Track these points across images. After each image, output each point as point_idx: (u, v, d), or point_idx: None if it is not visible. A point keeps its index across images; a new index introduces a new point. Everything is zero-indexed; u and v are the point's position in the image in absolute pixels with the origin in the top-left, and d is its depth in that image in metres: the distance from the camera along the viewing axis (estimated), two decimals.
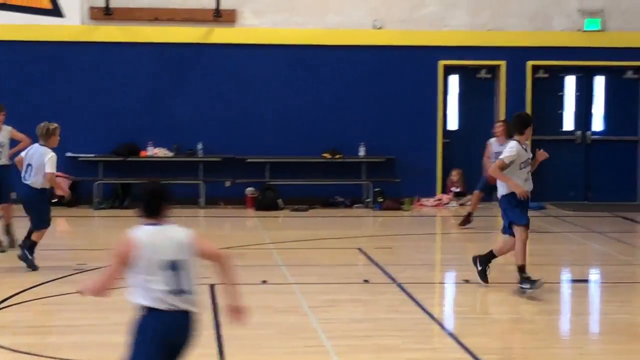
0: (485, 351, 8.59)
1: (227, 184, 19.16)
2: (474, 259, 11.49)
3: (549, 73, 20.06)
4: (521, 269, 10.93)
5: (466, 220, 16.35)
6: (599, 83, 20.32)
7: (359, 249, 14.13)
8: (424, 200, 19.38)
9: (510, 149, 11.01)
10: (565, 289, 12.11)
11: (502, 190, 11.13)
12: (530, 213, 11.28)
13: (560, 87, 20.27)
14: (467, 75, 20.05)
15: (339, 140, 19.32)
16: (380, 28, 19.56)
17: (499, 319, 10.33)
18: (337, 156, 19.29)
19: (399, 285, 11.42)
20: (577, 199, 20.02)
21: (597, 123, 20.35)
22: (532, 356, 8.69)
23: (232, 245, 13.82)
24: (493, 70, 19.94)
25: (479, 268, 11.35)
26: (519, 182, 10.98)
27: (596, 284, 12.48)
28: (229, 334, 8.76)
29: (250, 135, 19.39)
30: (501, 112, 19.52)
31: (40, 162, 12.02)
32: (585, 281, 12.44)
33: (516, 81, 19.70)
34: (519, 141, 11.12)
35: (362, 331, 9.34)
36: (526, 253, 11.02)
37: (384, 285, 11.52)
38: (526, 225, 11.01)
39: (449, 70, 19.89)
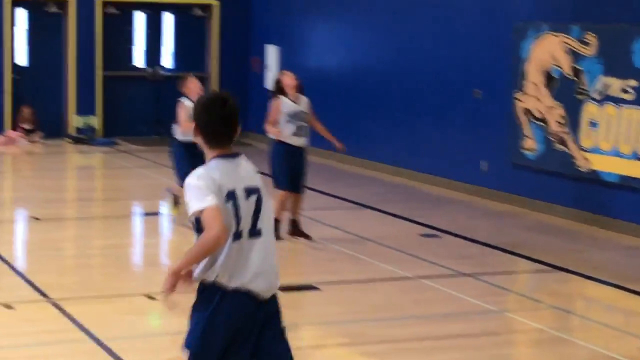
0: (54, 287, 8.64)
1: None
2: None
3: (119, 9, 20.09)
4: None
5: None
6: (168, 20, 20.67)
7: None
8: None
9: None
10: (137, 222, 12.37)
11: None
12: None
13: (130, 23, 20.40)
14: (36, 10, 19.61)
15: None
16: None
17: (69, 255, 10.38)
18: None
19: None
20: (148, 134, 20.33)
21: (167, 59, 20.73)
22: (99, 287, 8.83)
23: None
24: (62, 5, 19.64)
25: None
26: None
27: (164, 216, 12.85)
28: None
29: None
30: (71, 49, 19.32)
31: None
32: (156, 214, 12.80)
33: (86, 17, 19.54)
34: None
35: None
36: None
37: None
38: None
39: (16, 3, 19.34)
